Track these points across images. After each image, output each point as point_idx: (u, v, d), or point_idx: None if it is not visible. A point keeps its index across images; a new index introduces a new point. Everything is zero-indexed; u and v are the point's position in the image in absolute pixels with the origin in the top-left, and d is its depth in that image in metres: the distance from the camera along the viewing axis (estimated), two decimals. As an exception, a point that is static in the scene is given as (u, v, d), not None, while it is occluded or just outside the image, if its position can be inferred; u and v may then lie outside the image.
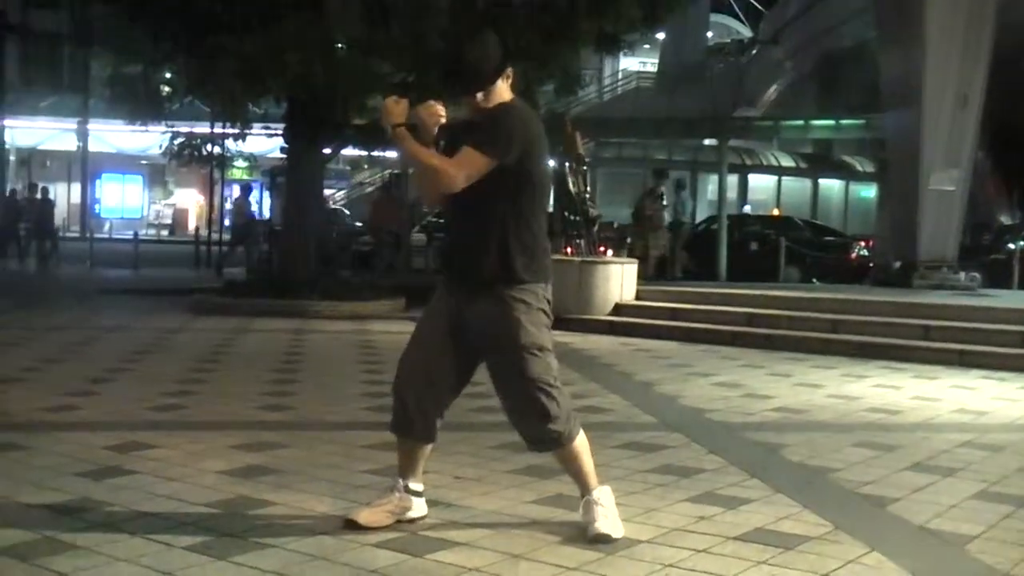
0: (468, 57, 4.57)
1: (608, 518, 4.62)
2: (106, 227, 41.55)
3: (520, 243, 4.56)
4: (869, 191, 43.97)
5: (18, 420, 7.08)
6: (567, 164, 15.90)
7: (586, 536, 4.56)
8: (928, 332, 12.52)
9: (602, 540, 4.53)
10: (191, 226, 42.11)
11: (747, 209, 37.69)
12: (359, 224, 31.20)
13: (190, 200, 49.97)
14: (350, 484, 5.38)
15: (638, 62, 55.77)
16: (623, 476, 5.75)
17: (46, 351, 10.66)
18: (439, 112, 4.59)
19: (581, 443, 4.68)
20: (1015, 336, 12.05)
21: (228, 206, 30.94)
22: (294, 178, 17.51)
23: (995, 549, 4.61)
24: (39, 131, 46.19)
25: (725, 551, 4.46)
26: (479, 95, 4.57)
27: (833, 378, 10.22)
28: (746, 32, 56.61)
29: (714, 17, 55.97)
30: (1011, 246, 23.60)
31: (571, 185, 15.76)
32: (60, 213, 44.98)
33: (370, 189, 42.15)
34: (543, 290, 4.62)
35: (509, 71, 4.63)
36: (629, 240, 20.32)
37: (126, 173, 48.73)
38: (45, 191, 28.90)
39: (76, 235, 38.18)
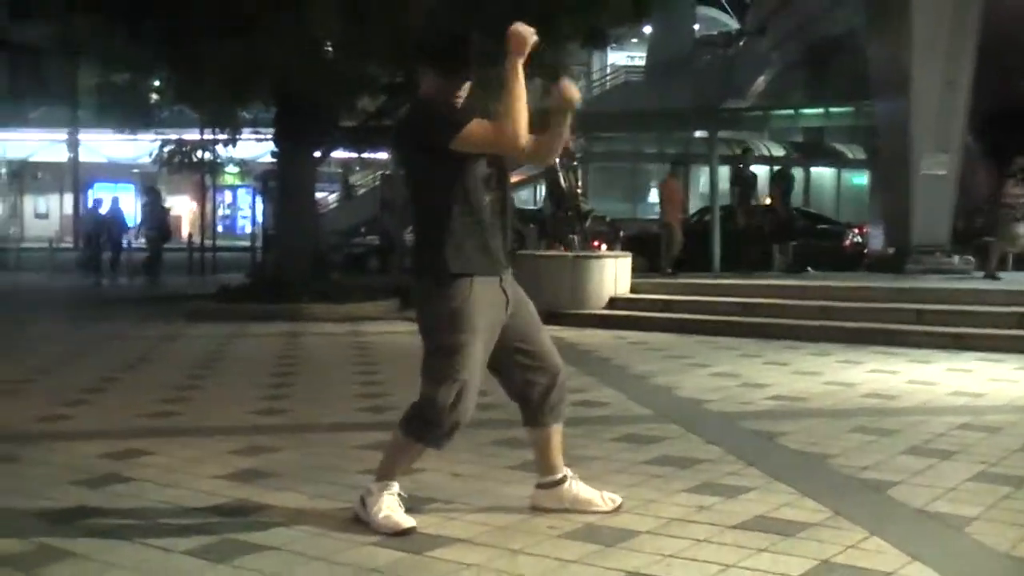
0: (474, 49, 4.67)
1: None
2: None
3: None
4: (861, 178, 43.96)
5: (12, 430, 7.05)
6: (558, 160, 15.90)
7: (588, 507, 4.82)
8: (922, 316, 12.54)
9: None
10: (184, 233, 42.05)
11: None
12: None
13: (183, 207, 49.89)
14: (347, 484, 5.35)
15: (626, 56, 55.75)
16: (621, 468, 5.74)
17: (39, 361, 10.63)
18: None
19: None
20: (1010, 318, 12.07)
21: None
22: (286, 182, 17.50)
23: (995, 530, 4.60)
24: (29, 143, 46.15)
25: (725, 540, 4.45)
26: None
27: (829, 365, 10.22)
28: (733, 24, 56.58)
29: (701, 10, 55.92)
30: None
31: (562, 181, 15.79)
32: (52, 225, 45.11)
33: (363, 191, 42.02)
34: None
35: None
36: (988, 237, 17.20)
37: (118, 182, 48.63)
38: (150, 192, 26.34)
39: (69, 246, 38.16)
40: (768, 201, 18.30)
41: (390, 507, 4.60)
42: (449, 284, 4.54)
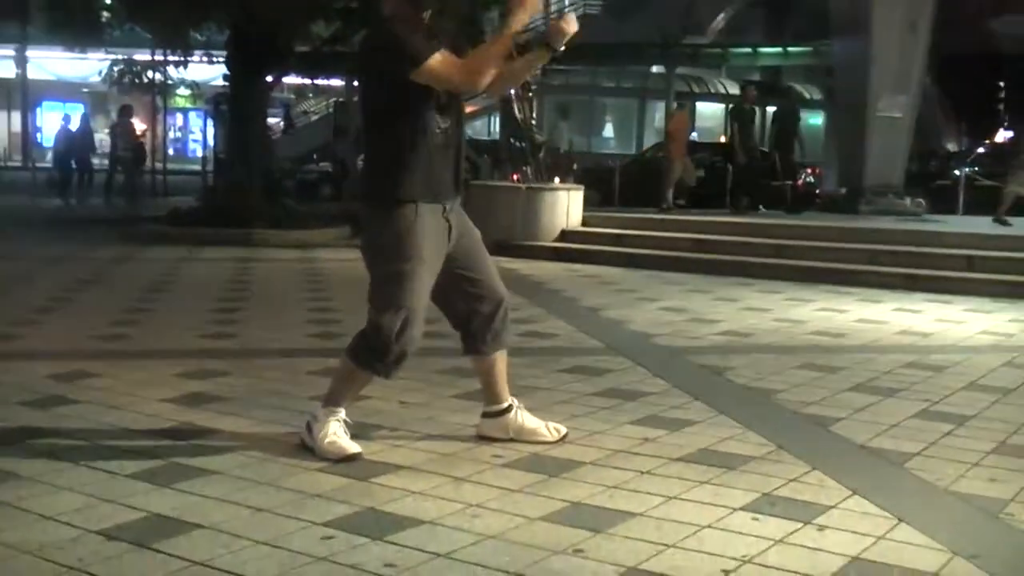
0: None
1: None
2: (48, 156, 40.94)
3: None
4: (816, 118, 44.06)
5: (-42, 350, 6.99)
6: (513, 91, 15.80)
7: (533, 437, 4.86)
8: (874, 256, 12.64)
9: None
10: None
11: (695, 136, 37.71)
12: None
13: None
14: (295, 410, 5.34)
15: (585, -12, 55.24)
16: (568, 399, 5.77)
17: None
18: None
19: None
20: (960, 260, 12.19)
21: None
22: (238, 106, 17.30)
23: (934, 466, 4.67)
24: (-25, 59, 45.26)
25: (669, 472, 4.49)
26: None
27: (779, 302, 10.29)
28: (695, -43, 56.24)
29: (662, -58, 55.51)
30: (957, 172, 23.78)
31: (517, 112, 15.70)
32: (0, 142, 44.35)
33: (315, 118, 41.71)
34: None
35: None
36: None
37: (67, 101, 47.87)
38: (124, 111, 24.48)
39: (18, 164, 37.65)
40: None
41: (336, 433, 4.60)
42: (393, 209, 4.51)
